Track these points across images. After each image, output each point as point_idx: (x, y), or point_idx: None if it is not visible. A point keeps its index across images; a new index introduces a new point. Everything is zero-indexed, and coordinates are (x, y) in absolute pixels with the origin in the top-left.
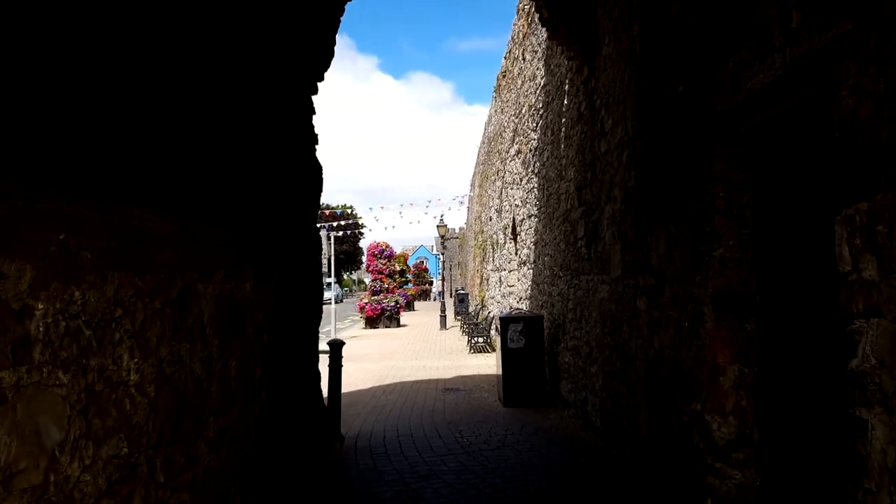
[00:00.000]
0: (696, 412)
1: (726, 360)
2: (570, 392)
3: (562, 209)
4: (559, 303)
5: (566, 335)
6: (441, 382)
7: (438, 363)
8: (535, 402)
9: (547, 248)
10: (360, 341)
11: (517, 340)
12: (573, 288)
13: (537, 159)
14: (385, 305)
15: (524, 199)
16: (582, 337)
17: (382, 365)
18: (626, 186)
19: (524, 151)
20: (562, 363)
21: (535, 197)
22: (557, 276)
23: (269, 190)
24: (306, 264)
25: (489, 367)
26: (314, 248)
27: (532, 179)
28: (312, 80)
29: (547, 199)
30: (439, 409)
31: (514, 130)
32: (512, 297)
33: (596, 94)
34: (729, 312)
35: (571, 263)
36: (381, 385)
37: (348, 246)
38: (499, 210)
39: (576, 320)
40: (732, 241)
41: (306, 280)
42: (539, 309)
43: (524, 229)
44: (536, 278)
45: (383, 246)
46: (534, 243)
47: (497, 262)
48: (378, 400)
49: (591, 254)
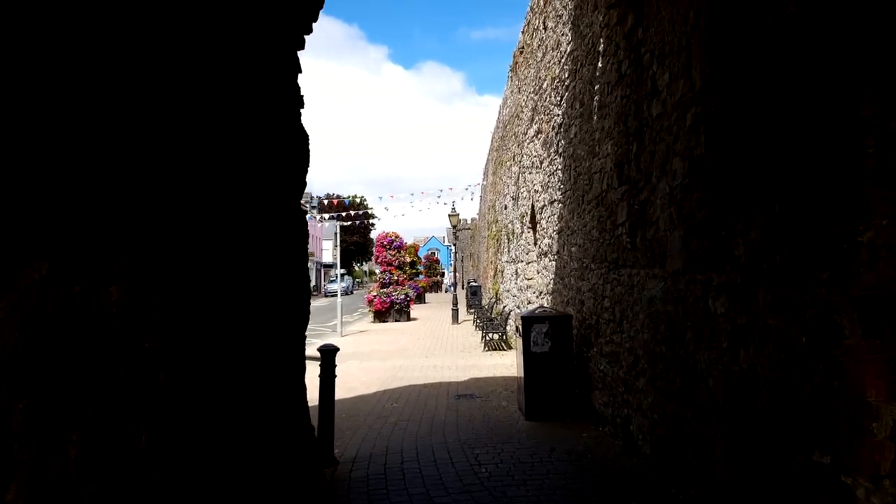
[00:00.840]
0: (822, 467)
1: (881, 396)
2: (606, 406)
3: (594, 191)
4: (590, 300)
5: (600, 338)
6: (453, 386)
7: (450, 362)
8: (562, 415)
9: (574, 237)
10: (367, 337)
11: (542, 343)
12: (610, 283)
13: (562, 137)
14: (394, 298)
15: (545, 184)
16: (622, 342)
17: (389, 364)
18: (692, 155)
19: (545, 131)
20: (594, 371)
21: (559, 180)
22: (588, 268)
23: (196, 149)
24: (286, 256)
25: (506, 368)
26: (297, 236)
27: (555, 161)
28: (298, 31)
29: (574, 180)
30: (451, 421)
31: (533, 109)
32: (530, 290)
33: (644, 46)
34: (884, 325)
35: (607, 254)
36: (386, 389)
37: (359, 237)
38: (515, 198)
39: (613, 321)
40: (887, 221)
41: (286, 275)
42: (563, 306)
43: (545, 217)
44: (560, 271)
45: (392, 236)
46: (557, 232)
47: (513, 252)
48: (382, 408)
49: (637, 242)
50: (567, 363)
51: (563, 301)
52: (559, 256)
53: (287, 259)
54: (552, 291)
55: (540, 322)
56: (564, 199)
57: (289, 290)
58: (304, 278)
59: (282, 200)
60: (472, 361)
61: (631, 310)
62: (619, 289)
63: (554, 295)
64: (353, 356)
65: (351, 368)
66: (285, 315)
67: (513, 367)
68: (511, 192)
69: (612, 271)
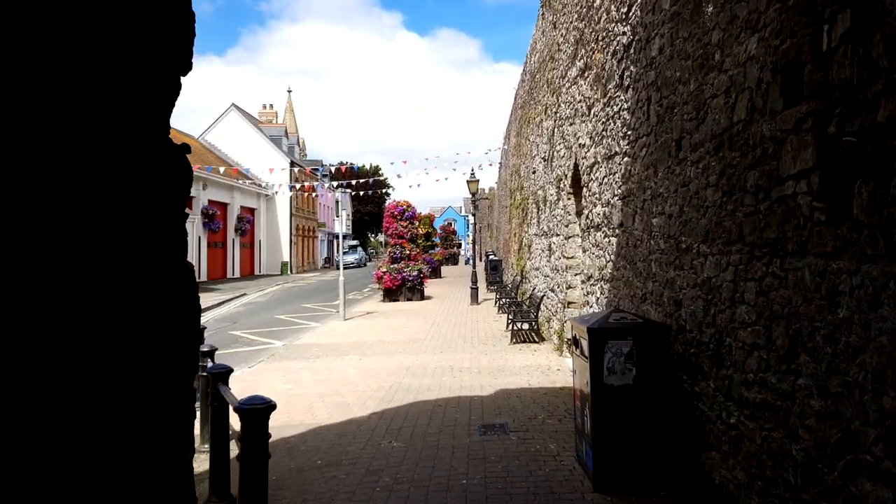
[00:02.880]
0: None
1: None
2: (744, 490)
3: (710, 127)
4: (697, 301)
5: (726, 369)
6: (476, 405)
7: (471, 361)
8: (654, 484)
9: (658, 203)
10: (373, 321)
11: (620, 370)
12: (755, 280)
13: (631, 63)
14: (406, 275)
15: (597, 134)
16: (797, 391)
17: (395, 364)
18: None
19: (598, 63)
20: (711, 419)
21: (625, 124)
22: (691, 251)
23: None
24: (133, 223)
25: (542, 373)
26: (163, 188)
27: (616, 99)
28: None
29: (659, 118)
30: (476, 487)
31: (576, 42)
32: (570, 272)
33: None
34: None
35: (746, 232)
36: (386, 410)
37: (373, 206)
38: (547, 158)
39: (762, 346)
40: None
41: (132, 260)
42: (630, 302)
43: (596, 178)
44: (628, 251)
45: (404, 206)
46: (621, 197)
47: (545, 224)
48: (376, 451)
49: (854, 209)
50: (662, 402)
51: (631, 295)
52: (625, 231)
53: (133, 227)
54: (611, 278)
55: (618, 336)
56: (636, 150)
57: (143, 287)
58: (176, 262)
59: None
60: (498, 360)
61: (828, 338)
62: (785, 292)
63: (614, 284)
64: (354, 349)
65: (348, 369)
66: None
67: (549, 369)
68: (542, 152)
69: (758, 260)
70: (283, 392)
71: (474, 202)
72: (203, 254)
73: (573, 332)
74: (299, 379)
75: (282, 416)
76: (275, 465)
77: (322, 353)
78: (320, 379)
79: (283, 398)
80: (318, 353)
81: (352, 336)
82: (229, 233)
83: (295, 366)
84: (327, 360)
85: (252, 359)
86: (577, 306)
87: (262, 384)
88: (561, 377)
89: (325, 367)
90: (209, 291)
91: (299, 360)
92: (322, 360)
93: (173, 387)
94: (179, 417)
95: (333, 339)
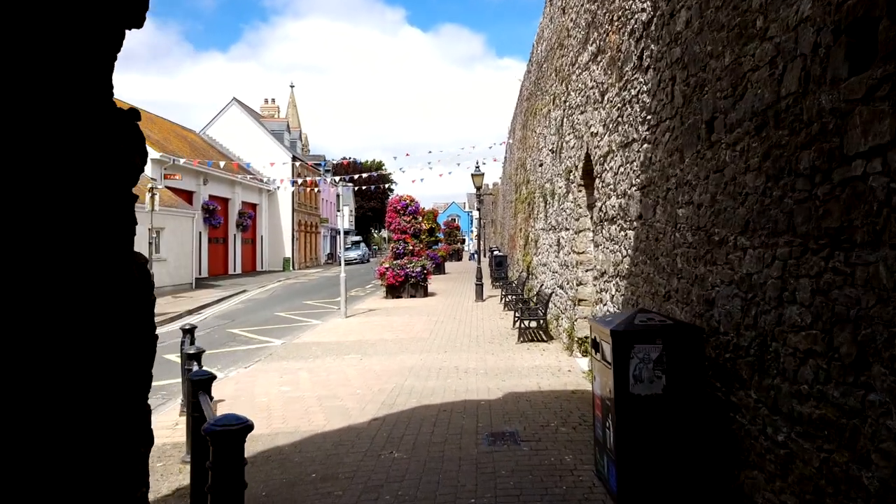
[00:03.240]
0: None
1: None
2: None
3: (750, 103)
4: (733, 301)
5: (771, 378)
6: (483, 409)
7: (477, 361)
8: None
9: (685, 191)
10: (375, 318)
11: (648, 378)
12: (810, 277)
13: (651, 41)
14: (409, 271)
15: (612, 121)
16: (871, 411)
17: (398, 363)
18: None
19: (613, 45)
20: (751, 434)
21: (643, 108)
22: (726, 244)
23: None
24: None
25: (552, 374)
26: (100, 160)
27: (633, 83)
28: None
29: (686, 99)
30: None
31: (588, 25)
32: (581, 268)
33: None
34: None
35: (798, 221)
36: (388, 416)
37: (376, 202)
38: (555, 150)
39: (819, 353)
40: None
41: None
42: (652, 300)
43: (611, 168)
44: (648, 245)
45: (407, 200)
46: (640, 186)
47: (553, 218)
48: (375, 463)
49: None
50: (695, 414)
51: (652, 293)
52: (644, 223)
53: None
54: (628, 275)
55: (646, 340)
56: (657, 135)
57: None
58: (121, 265)
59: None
60: (506, 360)
61: None
62: (852, 291)
63: (632, 280)
64: (355, 348)
65: (348, 369)
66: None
67: (560, 370)
68: (549, 143)
69: (814, 253)
70: (280, 395)
71: (479, 196)
72: (204, 249)
73: (592, 334)
74: (297, 380)
75: (276, 422)
76: (266, 478)
77: (322, 352)
78: (319, 380)
79: (278, 401)
80: (318, 352)
81: (353, 334)
82: (230, 228)
83: (293, 366)
84: (327, 359)
85: (249, 358)
86: (588, 304)
87: (257, 386)
88: (572, 379)
89: (325, 368)
90: (209, 288)
91: (298, 360)
92: (321, 359)
93: (110, 412)
94: (119, 449)
95: (334, 337)
